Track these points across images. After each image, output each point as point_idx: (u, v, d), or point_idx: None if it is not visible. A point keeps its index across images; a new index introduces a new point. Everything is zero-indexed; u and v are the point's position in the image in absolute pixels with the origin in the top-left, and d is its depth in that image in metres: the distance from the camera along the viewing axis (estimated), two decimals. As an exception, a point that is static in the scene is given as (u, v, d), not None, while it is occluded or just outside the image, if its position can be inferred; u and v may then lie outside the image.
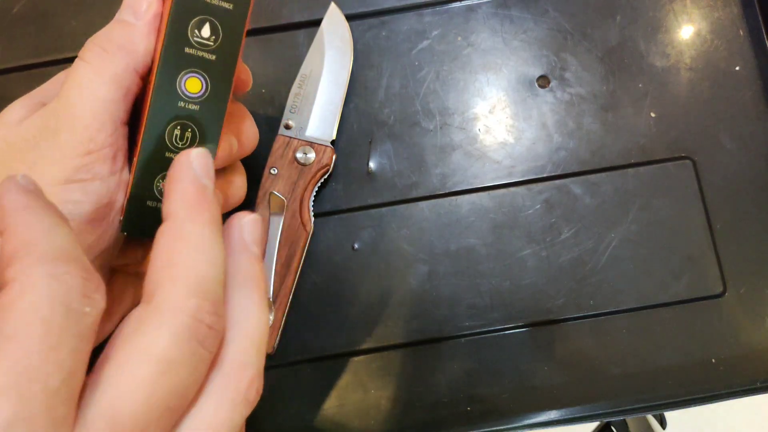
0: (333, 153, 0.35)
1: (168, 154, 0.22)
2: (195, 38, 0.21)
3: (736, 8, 0.38)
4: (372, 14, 0.38)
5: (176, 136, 0.22)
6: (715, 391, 0.35)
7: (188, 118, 0.22)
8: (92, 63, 0.23)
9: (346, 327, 0.35)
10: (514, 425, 0.35)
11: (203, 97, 0.22)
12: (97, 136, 0.22)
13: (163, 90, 0.22)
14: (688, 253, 0.36)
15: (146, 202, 0.22)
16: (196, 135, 0.22)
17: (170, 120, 0.22)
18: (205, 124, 0.22)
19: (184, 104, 0.22)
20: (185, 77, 0.22)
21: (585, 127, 0.37)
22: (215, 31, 0.22)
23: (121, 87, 0.23)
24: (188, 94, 0.22)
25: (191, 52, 0.22)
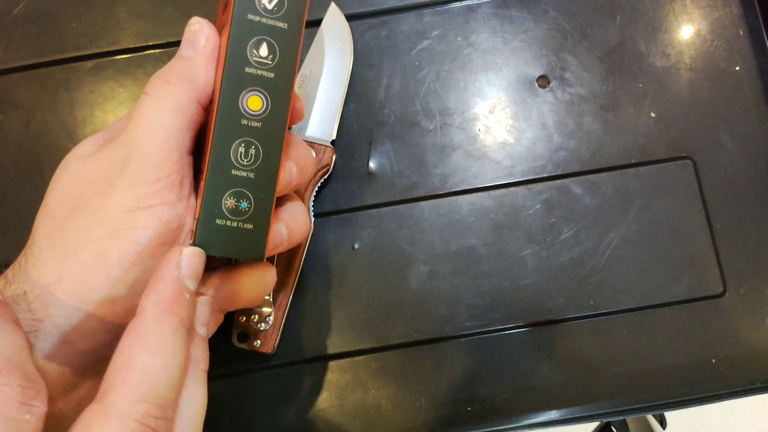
0: (333, 153, 0.35)
1: (234, 171, 0.23)
2: (254, 58, 0.23)
3: (736, 8, 0.38)
4: (372, 14, 0.38)
5: (241, 153, 0.23)
6: (715, 391, 0.35)
7: (251, 135, 0.23)
8: (156, 95, 0.24)
9: (346, 327, 0.35)
10: (514, 425, 0.35)
11: (264, 114, 0.23)
12: (163, 164, 0.23)
13: (226, 109, 0.23)
14: (688, 253, 0.36)
15: (215, 221, 0.23)
16: (260, 151, 0.23)
17: (234, 138, 0.23)
18: (268, 141, 0.23)
19: (247, 122, 0.23)
20: (247, 95, 0.23)
21: (585, 127, 0.37)
22: (272, 49, 0.23)
23: (184, 116, 0.24)
24: (250, 111, 0.23)
25: (251, 71, 0.23)
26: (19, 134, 0.37)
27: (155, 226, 0.23)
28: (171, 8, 0.38)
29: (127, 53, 0.38)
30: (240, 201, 0.23)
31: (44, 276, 0.23)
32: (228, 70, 0.23)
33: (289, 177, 0.26)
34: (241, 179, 0.23)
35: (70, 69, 0.37)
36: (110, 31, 0.38)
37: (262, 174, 0.23)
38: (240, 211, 0.23)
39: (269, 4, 0.23)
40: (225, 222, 0.23)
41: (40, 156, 0.37)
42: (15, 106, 0.37)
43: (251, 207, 0.23)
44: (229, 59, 0.23)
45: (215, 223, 0.23)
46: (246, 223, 0.23)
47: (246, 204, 0.23)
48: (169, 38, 0.37)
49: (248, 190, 0.23)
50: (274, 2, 0.23)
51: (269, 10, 0.23)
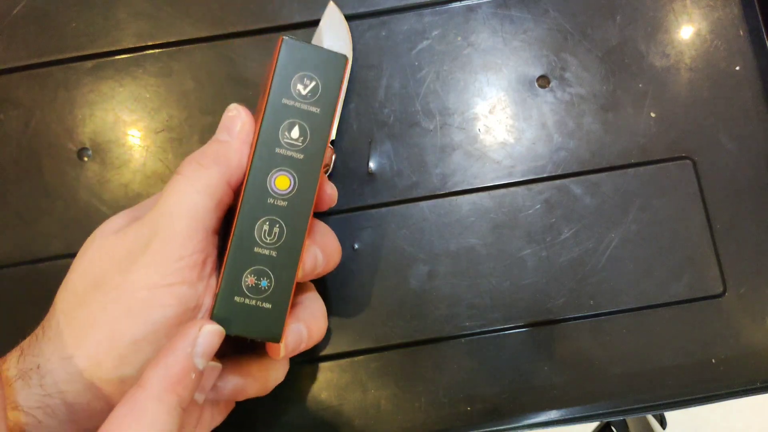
0: (333, 153, 0.35)
1: (257, 249, 0.23)
2: (285, 140, 0.24)
3: (736, 8, 0.38)
4: (372, 14, 0.38)
5: (265, 231, 0.23)
6: (715, 391, 0.35)
7: (277, 214, 0.24)
8: (188, 176, 0.24)
9: (346, 327, 0.35)
10: (514, 425, 0.35)
11: (291, 194, 0.24)
12: (188, 244, 0.23)
13: (254, 187, 0.23)
14: (688, 253, 0.36)
15: (234, 298, 0.23)
16: (284, 230, 0.24)
17: (260, 216, 0.23)
18: (292, 220, 0.24)
19: (274, 201, 0.23)
20: (275, 175, 0.24)
21: (585, 127, 0.37)
22: (303, 132, 0.24)
23: (213, 197, 0.24)
24: (277, 190, 0.24)
25: (281, 152, 0.24)
26: (18, 134, 0.37)
27: (173, 305, 0.23)
28: (171, 8, 0.38)
29: (127, 53, 0.38)
30: (260, 279, 0.23)
31: (58, 351, 0.23)
32: (259, 150, 0.23)
33: (314, 263, 0.26)
34: (263, 257, 0.23)
35: (69, 69, 0.37)
36: (110, 31, 0.38)
37: (285, 253, 0.24)
38: (259, 290, 0.23)
39: (304, 90, 0.24)
40: (244, 300, 0.23)
41: (40, 155, 0.37)
42: (15, 105, 0.37)
43: (271, 286, 0.23)
44: (261, 140, 0.23)
45: (233, 300, 0.23)
46: (265, 302, 0.23)
47: (266, 283, 0.23)
48: (169, 38, 0.37)
49: (269, 269, 0.23)
50: (309, 88, 0.24)
51: (303, 96, 0.24)
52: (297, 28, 0.38)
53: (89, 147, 0.37)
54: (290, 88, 0.24)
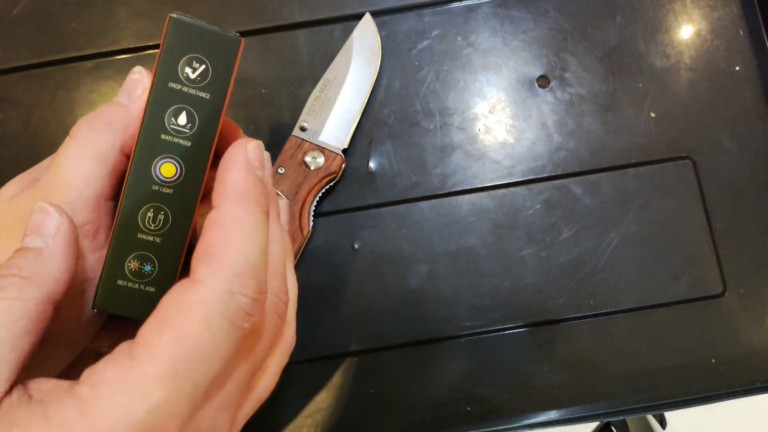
0: (343, 162, 0.35)
1: (140, 235, 0.23)
2: (171, 125, 0.22)
3: (736, 8, 0.38)
4: (372, 14, 0.38)
5: (149, 218, 0.23)
6: (715, 391, 0.35)
7: (161, 201, 0.23)
8: (79, 140, 0.23)
9: (346, 327, 0.35)
10: (514, 425, 0.35)
11: (177, 182, 0.23)
12: (79, 213, 0.22)
13: (138, 173, 0.22)
14: (688, 253, 0.36)
15: (117, 281, 0.23)
16: (169, 218, 0.23)
17: (144, 202, 0.22)
18: (178, 208, 0.23)
19: (159, 188, 0.22)
20: (160, 162, 0.22)
21: (585, 127, 0.37)
22: (191, 119, 0.22)
23: (106, 164, 0.23)
24: (163, 178, 0.23)
25: (167, 139, 0.22)
26: (18, 133, 0.37)
27: None
28: (171, 8, 0.38)
29: (127, 53, 0.38)
30: (144, 264, 0.23)
31: None
32: (143, 136, 0.22)
33: None
34: (147, 243, 0.23)
35: (69, 69, 0.37)
36: (110, 31, 0.38)
37: (170, 240, 0.23)
38: (143, 274, 0.23)
39: (192, 74, 0.22)
40: (127, 283, 0.23)
41: (40, 155, 0.36)
42: (15, 105, 0.37)
43: (155, 271, 0.23)
44: (145, 125, 0.22)
45: (117, 284, 0.23)
46: (148, 286, 0.23)
47: (150, 268, 0.23)
48: (169, 38, 0.37)
49: (153, 255, 0.23)
50: (198, 72, 0.23)
51: (192, 80, 0.22)
52: (297, 28, 0.38)
53: (89, 147, 0.37)
54: (178, 71, 0.22)
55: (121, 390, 0.17)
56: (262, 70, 0.37)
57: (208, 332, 0.18)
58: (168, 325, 0.18)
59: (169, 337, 0.18)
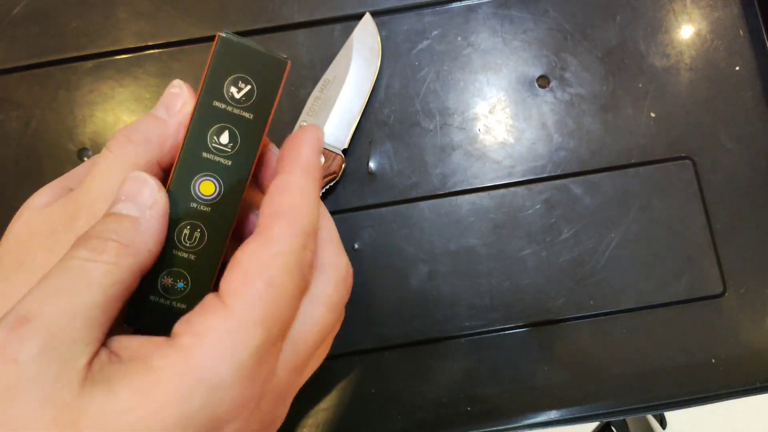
0: (343, 162, 0.35)
1: (175, 252, 0.23)
2: (213, 144, 0.22)
3: (736, 8, 0.38)
4: (372, 14, 0.38)
5: (185, 235, 0.23)
6: (715, 391, 0.35)
7: (199, 219, 0.23)
8: (116, 152, 0.23)
9: (346, 327, 0.35)
10: (514, 425, 0.35)
11: (215, 200, 0.23)
12: None
13: (177, 190, 0.22)
14: (688, 253, 0.36)
15: (149, 297, 0.23)
16: (205, 236, 0.23)
17: (181, 219, 0.22)
18: (215, 226, 0.23)
19: (197, 206, 0.23)
20: (200, 180, 0.23)
21: (585, 127, 0.37)
22: (234, 138, 0.23)
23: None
24: (201, 196, 0.23)
25: (208, 157, 0.23)
26: (19, 133, 0.37)
27: None
28: (171, 8, 0.38)
29: (127, 53, 0.38)
30: (177, 281, 0.23)
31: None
32: (185, 153, 0.22)
33: None
34: (182, 260, 0.23)
35: (70, 69, 0.37)
36: (110, 31, 0.38)
37: (204, 257, 0.23)
38: (175, 291, 0.23)
39: (237, 94, 0.22)
40: (159, 299, 0.23)
41: (40, 155, 0.37)
42: (15, 105, 0.37)
43: (187, 288, 0.23)
44: (187, 142, 0.22)
45: (149, 299, 0.23)
46: (180, 302, 0.23)
47: (182, 284, 0.23)
48: (169, 38, 0.37)
49: (187, 272, 0.23)
50: (243, 93, 0.22)
51: (237, 100, 0.22)
52: (297, 28, 0.38)
53: (89, 147, 0.37)
54: (223, 91, 0.22)
55: (225, 335, 0.18)
56: (262, 70, 0.37)
57: (291, 280, 0.20)
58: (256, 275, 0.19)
59: (260, 284, 0.19)
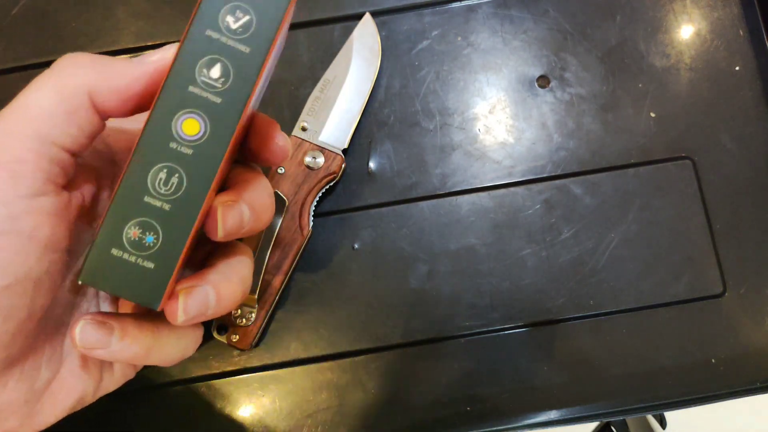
0: (342, 162, 0.35)
1: (147, 198, 0.20)
2: (202, 77, 0.20)
3: (736, 8, 0.38)
4: (372, 14, 0.38)
5: (161, 180, 0.20)
6: (715, 391, 0.35)
7: (178, 162, 0.20)
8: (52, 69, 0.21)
9: (346, 327, 0.35)
10: (514, 425, 0.35)
11: (199, 142, 0.20)
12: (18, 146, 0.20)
13: (156, 127, 0.20)
14: (688, 253, 0.36)
15: (111, 250, 0.20)
16: (183, 182, 0.20)
17: (157, 160, 0.20)
18: (196, 172, 0.20)
19: (177, 146, 0.20)
20: (183, 116, 0.20)
21: (585, 127, 0.37)
22: (226, 72, 0.20)
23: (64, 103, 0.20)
24: (183, 135, 0.20)
25: (195, 91, 0.20)
26: (18, 134, 0.37)
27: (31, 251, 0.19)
28: (170, 8, 0.38)
29: (127, 53, 0.38)
30: (146, 233, 0.20)
31: None
32: (169, 84, 0.20)
33: (240, 221, 0.22)
34: (154, 209, 0.20)
35: (69, 69, 0.37)
36: (109, 31, 0.38)
37: (180, 209, 0.20)
38: (143, 245, 0.20)
39: (234, 24, 0.20)
40: (122, 254, 0.20)
41: (40, 156, 0.37)
42: (14, 106, 0.37)
43: (157, 243, 0.20)
44: (174, 72, 0.20)
45: (110, 253, 0.20)
46: (147, 260, 0.20)
47: (152, 239, 0.20)
48: (169, 38, 0.37)
49: (159, 224, 0.20)
50: (241, 23, 0.20)
51: (232, 30, 0.20)
52: (297, 28, 0.38)
53: (89, 147, 0.37)
54: (218, 19, 0.20)
55: None
56: (262, 70, 0.37)
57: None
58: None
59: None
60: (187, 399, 0.35)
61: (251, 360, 0.35)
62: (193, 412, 0.34)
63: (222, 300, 0.22)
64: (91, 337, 0.21)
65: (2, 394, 0.21)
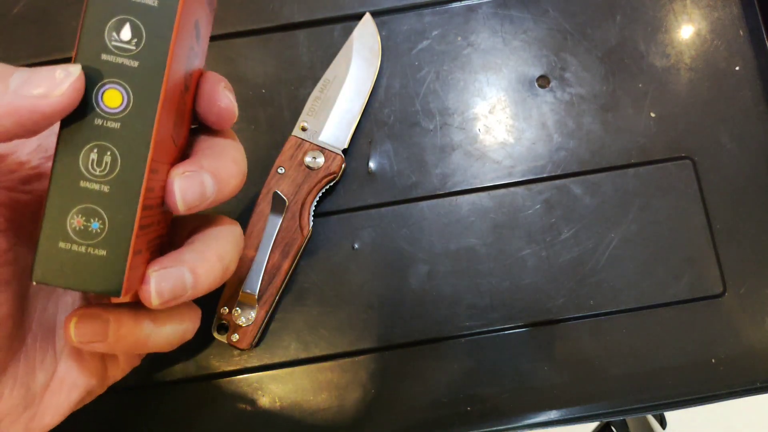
0: (342, 162, 0.35)
1: (84, 183, 0.19)
2: (113, 42, 0.18)
3: (736, 8, 0.38)
4: (372, 14, 0.38)
5: (93, 161, 0.19)
6: (715, 391, 0.35)
7: (107, 139, 0.19)
8: None
9: (346, 327, 0.35)
10: (514, 425, 0.35)
11: (125, 113, 0.19)
12: None
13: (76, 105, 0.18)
14: (688, 253, 0.36)
15: (59, 243, 0.19)
16: (117, 159, 0.19)
17: (86, 141, 0.19)
18: (128, 146, 0.19)
19: (102, 122, 0.19)
20: (102, 89, 0.19)
21: (585, 127, 0.37)
22: (137, 32, 0.18)
23: None
24: (107, 108, 0.19)
25: (108, 59, 0.18)
26: (18, 134, 0.37)
27: None
28: (171, 8, 0.38)
29: (127, 53, 0.38)
30: (90, 220, 0.19)
31: None
32: (81, 57, 0.18)
33: (201, 192, 0.21)
34: (92, 193, 0.19)
35: (69, 69, 0.37)
36: (110, 31, 0.38)
37: (120, 188, 0.19)
38: (90, 233, 0.19)
39: None
40: (70, 246, 0.19)
41: (40, 156, 0.37)
42: (15, 105, 0.37)
43: (104, 228, 0.19)
44: (83, 44, 0.18)
45: (58, 247, 0.19)
46: (97, 248, 0.19)
47: (98, 224, 0.19)
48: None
49: (101, 208, 0.19)
50: None
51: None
52: (297, 28, 0.38)
53: (89, 147, 0.37)
54: None
55: None
56: (262, 70, 0.37)
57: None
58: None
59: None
60: (186, 398, 0.35)
61: (251, 360, 0.35)
62: (193, 412, 0.34)
63: (200, 279, 0.21)
64: (87, 332, 0.20)
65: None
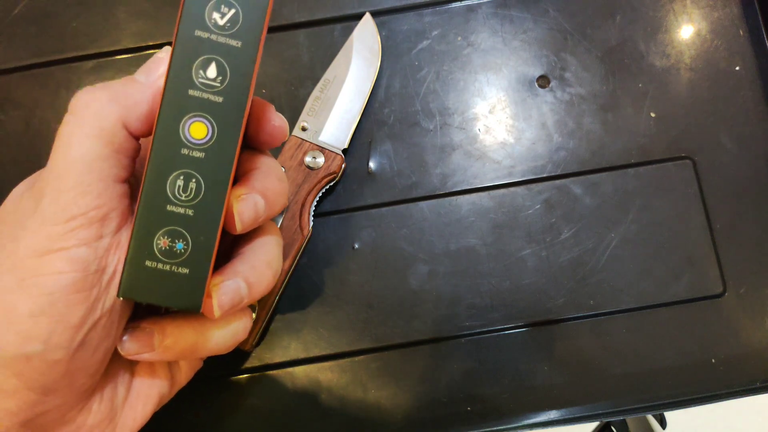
0: (342, 162, 0.35)
1: (170, 207, 0.20)
2: (200, 79, 0.20)
3: (736, 8, 0.38)
4: (372, 14, 0.38)
5: (179, 187, 0.20)
6: (715, 391, 0.35)
7: (192, 167, 0.20)
8: (78, 116, 0.21)
9: (346, 327, 0.35)
10: (514, 425, 0.35)
11: (209, 144, 0.20)
12: (80, 200, 0.20)
13: (165, 136, 0.20)
14: (688, 253, 0.36)
15: (145, 263, 0.20)
16: (201, 186, 0.21)
17: (173, 169, 0.20)
18: (211, 174, 0.21)
19: (188, 151, 0.20)
20: (189, 122, 0.20)
21: (585, 127, 0.37)
22: (222, 70, 0.20)
23: (109, 143, 0.21)
24: (192, 140, 0.20)
25: (196, 95, 0.20)
26: (19, 133, 0.37)
27: (69, 270, 0.20)
28: (171, 8, 0.38)
29: (127, 53, 0.38)
30: (175, 241, 0.20)
31: None
32: (169, 92, 0.20)
33: (254, 212, 0.23)
34: (178, 217, 0.20)
35: (70, 69, 0.37)
36: (110, 31, 0.38)
37: (203, 212, 0.21)
38: (174, 253, 0.20)
39: (221, 20, 0.20)
40: (156, 264, 0.20)
41: (41, 155, 0.37)
42: (15, 105, 0.37)
43: (188, 249, 0.21)
44: (171, 79, 0.20)
45: (145, 266, 0.20)
46: (181, 267, 0.21)
47: (182, 245, 0.20)
48: (169, 38, 0.37)
49: (185, 230, 0.20)
50: (227, 18, 0.20)
51: (220, 27, 0.20)
52: (297, 28, 0.38)
53: (89, 147, 0.37)
54: (204, 17, 0.20)
55: None
56: (262, 70, 0.37)
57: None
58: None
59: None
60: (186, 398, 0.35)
61: (251, 360, 0.35)
62: (193, 412, 0.34)
63: (253, 287, 0.23)
64: (134, 345, 0.23)
65: (88, 418, 0.23)
